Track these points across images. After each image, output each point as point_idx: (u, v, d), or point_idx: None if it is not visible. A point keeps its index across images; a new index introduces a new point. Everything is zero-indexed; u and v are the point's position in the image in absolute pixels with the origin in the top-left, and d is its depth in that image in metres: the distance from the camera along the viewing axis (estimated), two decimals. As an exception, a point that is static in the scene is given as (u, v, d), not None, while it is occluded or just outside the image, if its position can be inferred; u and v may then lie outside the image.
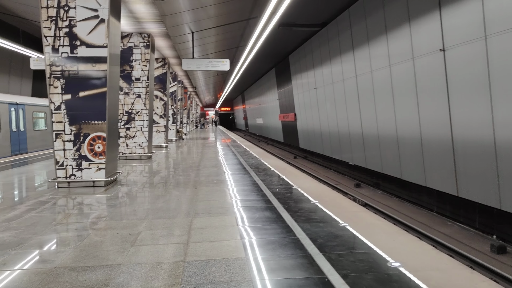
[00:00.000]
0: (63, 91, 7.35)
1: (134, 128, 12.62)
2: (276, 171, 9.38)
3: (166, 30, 12.01)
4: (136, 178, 8.71)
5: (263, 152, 15.92)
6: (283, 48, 23.10)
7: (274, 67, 29.68)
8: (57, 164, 7.43)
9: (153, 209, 5.55)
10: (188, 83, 30.00)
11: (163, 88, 17.66)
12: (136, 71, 12.49)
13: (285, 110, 27.53)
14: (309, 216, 5.06)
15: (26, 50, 13.35)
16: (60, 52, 7.28)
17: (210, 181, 8.00)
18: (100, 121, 7.44)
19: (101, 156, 7.50)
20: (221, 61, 13.35)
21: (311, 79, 20.10)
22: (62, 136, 7.40)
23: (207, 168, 10.17)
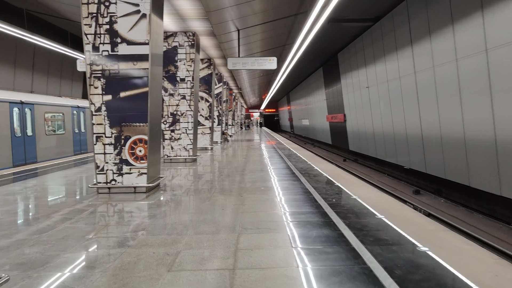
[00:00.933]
0: (103, 92, 6.96)
1: (179, 130, 12.23)
2: (329, 177, 8.54)
3: (211, 28, 11.51)
4: (179, 183, 8.21)
5: (311, 155, 15.06)
6: (332, 46, 22.10)
7: (321, 66, 28.66)
8: (97, 169, 7.05)
9: (195, 222, 4.94)
10: (234, 84, 29.67)
11: (208, 89, 17.29)
12: (181, 71, 12.10)
13: (334, 110, 26.43)
14: (377, 235, 4.23)
15: (74, 52, 13.39)
16: (100, 50, 6.90)
17: (256, 188, 7.32)
18: (141, 123, 6.98)
19: (143, 160, 7.04)
20: (267, 60, 12.67)
21: (362, 77, 18.96)
22: (103, 139, 7.01)
23: (253, 172, 9.51)
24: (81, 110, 17.23)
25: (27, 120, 13.29)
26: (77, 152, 16.46)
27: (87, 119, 17.55)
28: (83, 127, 17.38)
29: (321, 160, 13.05)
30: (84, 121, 17.36)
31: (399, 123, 15.07)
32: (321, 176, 8.77)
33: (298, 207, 5.70)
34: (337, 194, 6.65)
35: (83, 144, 17.28)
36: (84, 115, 17.50)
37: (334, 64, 24.34)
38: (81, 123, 17.23)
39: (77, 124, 16.79)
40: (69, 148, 15.84)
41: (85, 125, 17.49)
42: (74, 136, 16.47)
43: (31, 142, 13.37)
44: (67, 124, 15.79)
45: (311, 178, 8.37)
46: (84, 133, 17.36)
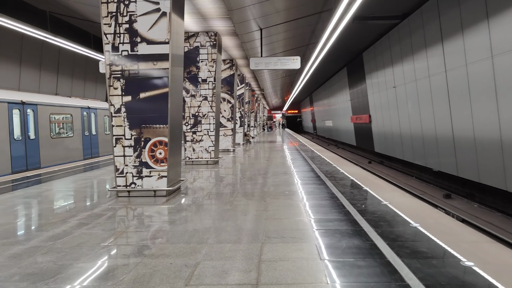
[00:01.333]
0: (123, 93, 6.80)
1: (201, 132, 12.04)
2: (356, 180, 8.14)
3: (233, 28, 11.28)
4: (200, 186, 7.97)
5: (336, 157, 14.63)
6: (357, 45, 21.56)
7: (345, 66, 28.09)
8: (117, 172, 6.89)
9: (216, 229, 4.67)
10: (256, 85, 29.43)
11: (230, 91, 17.09)
12: (202, 72, 11.92)
13: (358, 111, 25.82)
14: (414, 247, 3.85)
15: (97, 54, 13.41)
16: (120, 50, 6.74)
17: (280, 193, 7.01)
18: (161, 125, 6.78)
19: (163, 163, 6.84)
20: (291, 59, 12.34)
21: (389, 77, 18.37)
22: (122, 141, 6.85)
23: (276, 175, 9.20)
24: (92, 111, 16.24)
25: (29, 122, 12.25)
26: (87, 157, 15.54)
27: (98, 121, 16.73)
28: (94, 130, 16.36)
29: (346, 163, 12.61)
30: (95, 123, 16.43)
31: (428, 124, 14.46)
32: (347, 179, 8.38)
33: (325, 213, 5.35)
34: (366, 200, 6.26)
35: (94, 148, 16.28)
36: (96, 116, 16.53)
37: (359, 63, 23.76)
38: (92, 125, 16.22)
39: (88, 126, 15.81)
40: (77, 152, 14.87)
41: (97, 127, 16.53)
42: (84, 139, 15.47)
43: (34, 146, 12.30)
44: (76, 126, 14.86)
45: (337, 182, 7.99)
46: (95, 136, 16.39)
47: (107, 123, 17.10)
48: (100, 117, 16.93)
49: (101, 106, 17.15)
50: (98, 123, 16.73)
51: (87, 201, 6.72)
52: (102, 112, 17.07)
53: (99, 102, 17.32)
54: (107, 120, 17.02)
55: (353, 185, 7.63)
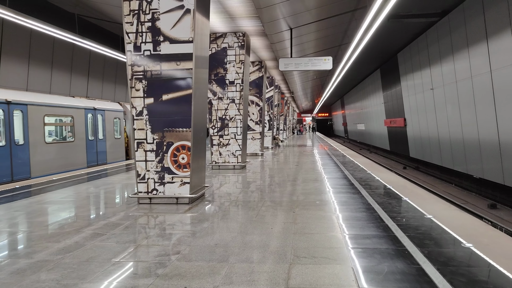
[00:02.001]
0: (145, 94, 6.47)
1: (228, 135, 11.66)
2: (393, 189, 7.49)
3: (261, 27, 10.85)
4: (225, 193, 7.55)
5: (369, 162, 13.90)
6: (391, 46, 20.69)
7: (379, 67, 27.14)
8: (138, 177, 6.57)
9: (239, 244, 4.21)
10: (286, 88, 28.93)
11: (259, 93, 16.67)
12: (230, 74, 11.55)
13: (392, 114, 24.82)
14: (472, 275, 3.25)
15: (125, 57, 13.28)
16: (142, 50, 6.42)
17: (310, 202, 6.48)
18: (184, 129, 6.41)
19: (186, 168, 6.46)
20: (322, 60, 11.79)
21: (426, 78, 17.44)
22: (144, 146, 6.52)
23: (306, 182, 8.66)
24: (99, 113, 14.62)
25: (16, 125, 10.49)
26: (92, 164, 13.96)
27: (107, 124, 15.08)
28: (101, 133, 14.70)
29: (381, 168, 11.89)
30: (103, 126, 14.81)
31: (470, 127, 13.51)
32: (384, 188, 7.74)
33: (361, 228, 4.79)
34: (407, 212, 5.63)
35: (101, 154, 14.60)
36: (103, 118, 14.86)
37: (393, 65, 22.83)
38: (99, 128, 14.60)
39: (93, 130, 14.17)
40: (80, 159, 13.25)
41: (104, 130, 14.85)
42: (88, 144, 13.79)
43: (22, 153, 10.61)
44: (78, 129, 13.21)
45: (373, 191, 7.37)
46: (102, 140, 14.71)
47: (118, 126, 16.01)
48: (109, 119, 15.32)
49: (110, 107, 15.59)
50: (107, 126, 15.11)
51: (107, 207, 6.43)
52: (111, 114, 15.54)
53: (108, 103, 15.79)
54: (118, 122, 15.98)
55: (390, 195, 7.00)
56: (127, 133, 16.89)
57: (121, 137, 16.21)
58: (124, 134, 16.60)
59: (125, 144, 16.73)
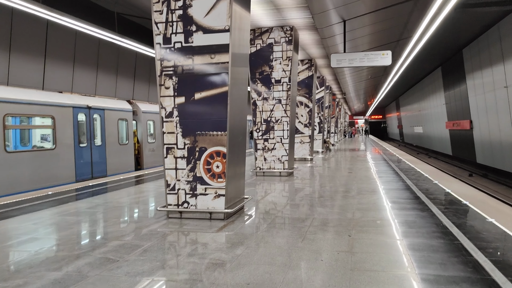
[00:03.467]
0: (175, 93, 5.66)
1: (273, 139, 10.69)
2: (471, 205, 6.14)
3: (311, 20, 9.79)
4: (267, 207, 6.57)
5: (433, 169, 12.32)
6: (455, 40, 18.75)
7: (440, 65, 24.98)
8: (167, 188, 5.76)
9: (277, 285, 3.21)
10: (337, 88, 27.49)
11: (308, 94, 15.57)
12: (276, 72, 10.58)
13: (455, 116, 22.65)
14: None
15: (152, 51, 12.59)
16: (172, 42, 5.61)
17: (369, 222, 5.33)
18: (219, 132, 5.52)
19: (220, 178, 5.56)
20: (380, 54, 10.49)
21: (498, 76, 15.45)
22: (174, 151, 5.70)
23: (362, 194, 7.48)
24: (96, 113, 11.80)
25: None
26: (85, 177, 11.09)
27: (108, 126, 12.30)
28: (99, 138, 11.94)
29: (449, 178, 10.36)
30: (101, 129, 12.01)
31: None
32: (458, 203, 6.39)
33: (441, 265, 3.61)
34: (500, 241, 4.34)
35: (99, 164, 11.78)
36: (102, 120, 12.05)
37: (458, 62, 20.77)
38: (97, 132, 11.89)
39: (86, 134, 11.33)
40: (65, 172, 10.39)
41: (104, 135, 12.07)
42: (78, 152, 10.88)
43: None
44: (63, 133, 10.34)
45: (446, 208, 6.06)
46: (100, 147, 11.90)
47: (125, 129, 13.20)
48: (111, 121, 12.45)
49: (113, 105, 12.70)
50: (108, 129, 12.28)
51: (131, 222, 5.67)
52: (114, 114, 12.61)
53: (111, 100, 12.98)
54: (125, 125, 13.19)
55: (470, 214, 5.68)
56: (137, 137, 14.14)
57: (128, 142, 13.24)
58: (134, 139, 13.77)
59: (135, 151, 13.91)
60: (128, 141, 13.25)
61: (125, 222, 5.71)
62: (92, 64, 13.57)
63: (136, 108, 13.99)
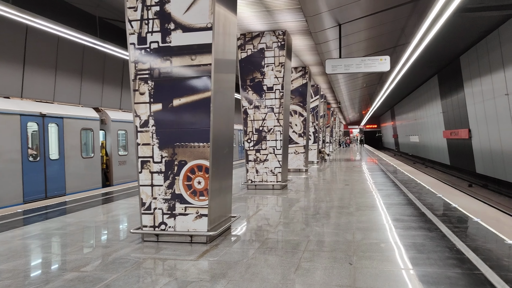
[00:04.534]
0: (151, 99, 5.01)
1: (266, 150, 10.03)
2: (485, 224, 5.49)
3: (305, 23, 9.22)
4: (257, 227, 5.89)
5: (434, 181, 11.69)
6: (452, 47, 18.31)
7: (436, 73, 24.57)
8: (142, 207, 5.07)
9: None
10: (332, 97, 26.97)
11: (303, 102, 14.99)
12: (268, 78, 9.97)
13: (453, 125, 22.16)
14: None
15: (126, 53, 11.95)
16: (148, 42, 4.98)
17: (371, 245, 4.66)
18: (201, 143, 4.86)
19: (202, 196, 4.88)
20: (377, 60, 9.92)
21: (498, 83, 14.97)
22: (150, 165, 5.02)
23: (361, 211, 6.82)
24: (53, 121, 10.41)
25: None
26: (36, 197, 9.75)
27: (68, 137, 10.77)
28: (55, 151, 10.47)
29: (452, 190, 9.73)
30: (60, 141, 10.50)
31: None
32: (470, 222, 5.75)
33: (465, 306, 2.95)
34: (528, 271, 3.69)
35: (55, 181, 10.30)
36: (60, 129, 10.56)
37: (455, 69, 20.33)
38: (52, 143, 10.44)
39: (39, 146, 10.02)
40: (9, 191, 9.05)
41: (62, 147, 10.59)
42: (27, 167, 9.53)
43: None
44: (4, 146, 9.05)
45: (456, 227, 5.41)
46: (57, 160, 10.42)
47: (91, 140, 11.76)
48: (71, 130, 10.90)
49: (76, 113, 11.17)
50: (68, 140, 10.78)
51: (98, 247, 4.96)
52: (76, 124, 11.14)
53: (72, 107, 11.32)
54: (90, 135, 11.74)
55: (485, 234, 5.03)
56: (106, 149, 12.66)
57: (94, 155, 11.78)
58: (101, 151, 12.37)
59: (103, 165, 12.47)
60: (94, 154, 11.83)
61: (88, 248, 4.99)
62: (49, 65, 11.98)
63: (105, 116, 12.66)
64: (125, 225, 6.17)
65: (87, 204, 8.06)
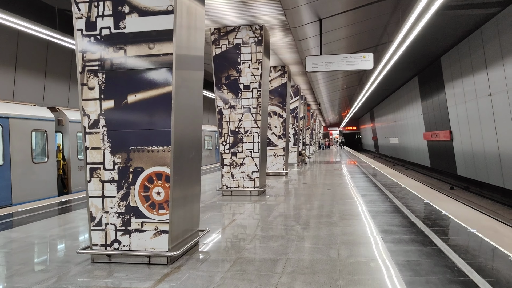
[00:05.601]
0: (102, 95, 4.24)
1: (242, 153, 9.33)
2: (483, 236, 4.93)
3: (283, 17, 8.58)
4: (229, 242, 5.17)
5: (420, 185, 11.23)
6: (433, 48, 18.03)
7: (416, 74, 24.38)
8: (92, 222, 4.30)
9: None
10: (312, 99, 26.49)
11: (282, 103, 14.37)
12: (244, 76, 9.28)
13: (434, 127, 21.96)
14: None
15: None
16: (98, 28, 4.22)
17: (360, 266, 4.02)
18: (160, 147, 4.13)
19: (162, 209, 4.15)
20: (360, 57, 9.36)
21: (481, 84, 14.70)
22: (101, 173, 4.26)
23: (345, 220, 6.20)
24: None
25: None
26: None
27: (15, 140, 9.38)
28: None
29: (439, 195, 9.24)
30: (3, 143, 9.12)
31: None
32: (466, 233, 5.18)
33: None
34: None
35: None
36: (5, 131, 9.17)
37: (436, 70, 20.11)
38: None
39: None
40: None
41: (7, 150, 9.16)
42: None
43: None
44: None
45: (452, 239, 4.83)
46: (1, 166, 9.06)
47: (44, 143, 10.36)
48: (19, 132, 9.57)
49: (23, 113, 9.77)
50: (15, 143, 9.43)
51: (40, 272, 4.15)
52: (26, 124, 9.78)
53: (20, 106, 10.01)
54: (43, 137, 10.38)
55: (485, 249, 4.45)
56: (64, 153, 11.27)
57: (48, 160, 10.32)
58: (58, 156, 11.01)
59: (60, 171, 11.09)
60: (48, 159, 10.34)
61: (27, 272, 4.18)
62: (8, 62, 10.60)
63: (63, 116, 11.24)
64: (77, 242, 5.35)
65: (38, 216, 7.09)
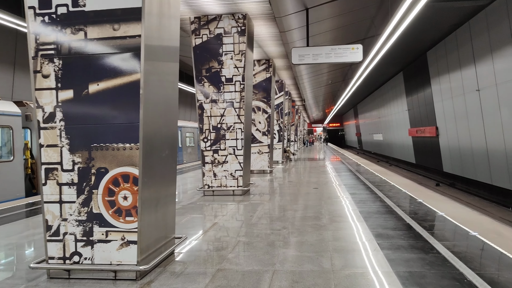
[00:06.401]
0: (58, 84, 3.64)
1: (225, 150, 8.78)
2: (487, 241, 4.52)
3: (268, 5, 8.04)
4: (208, 251, 4.63)
5: (410, 183, 10.86)
6: (419, 43, 17.74)
7: (401, 70, 24.17)
8: (48, 232, 3.70)
9: None
10: (297, 95, 26.07)
11: (266, 98, 13.87)
12: (227, 68, 8.72)
13: (420, 123, 21.78)
14: None
15: None
16: (53, 6, 3.61)
17: (357, 279, 3.54)
18: (127, 144, 3.55)
19: (130, 216, 3.58)
20: (349, 49, 8.89)
21: (469, 79, 14.45)
22: (58, 175, 3.66)
23: (336, 223, 5.72)
24: None
25: None
26: None
27: None
28: None
29: (431, 193, 8.85)
30: None
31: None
32: (468, 237, 4.76)
33: None
34: None
35: None
36: None
37: (421, 65, 19.88)
38: None
39: None
40: None
41: None
42: None
43: None
44: None
45: (456, 246, 4.39)
46: None
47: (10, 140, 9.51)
48: None
49: None
50: None
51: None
52: None
53: None
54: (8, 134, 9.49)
55: (494, 256, 4.03)
56: (31, 151, 10.38)
57: (14, 158, 9.42)
58: (26, 154, 10.16)
59: (28, 170, 10.24)
60: (14, 157, 9.42)
61: (-24, 289, 3.57)
62: None
63: (31, 111, 10.17)
64: (36, 252, 4.73)
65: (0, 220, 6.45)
